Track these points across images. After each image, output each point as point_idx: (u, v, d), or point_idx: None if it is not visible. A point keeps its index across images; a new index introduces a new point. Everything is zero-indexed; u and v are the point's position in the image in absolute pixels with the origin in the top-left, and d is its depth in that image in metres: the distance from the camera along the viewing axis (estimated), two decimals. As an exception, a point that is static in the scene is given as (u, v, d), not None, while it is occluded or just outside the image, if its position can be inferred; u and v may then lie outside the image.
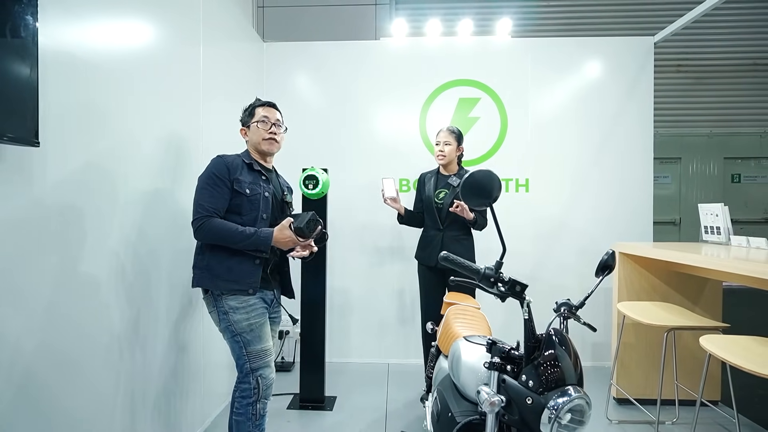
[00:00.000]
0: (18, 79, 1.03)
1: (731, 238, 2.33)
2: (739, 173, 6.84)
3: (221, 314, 1.59)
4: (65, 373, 1.28)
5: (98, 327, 1.42)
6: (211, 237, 1.54)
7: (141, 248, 1.65)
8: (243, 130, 1.77)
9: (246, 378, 1.60)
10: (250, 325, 1.60)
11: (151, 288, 1.73)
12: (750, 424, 2.28)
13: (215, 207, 1.55)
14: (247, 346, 1.59)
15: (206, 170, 1.60)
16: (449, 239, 2.41)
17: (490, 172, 1.14)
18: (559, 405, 1.00)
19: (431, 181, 2.54)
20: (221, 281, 1.57)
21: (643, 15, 6.24)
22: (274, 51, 3.25)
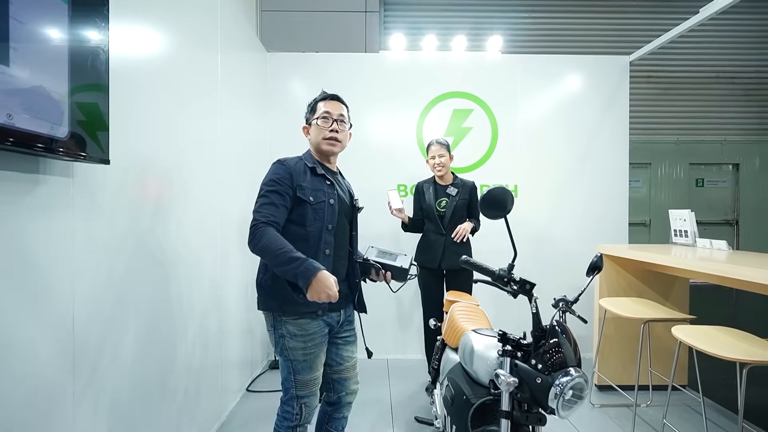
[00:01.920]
0: (92, 105, 1.15)
1: (697, 240, 2.62)
2: (703, 178, 7.36)
3: (278, 337, 1.48)
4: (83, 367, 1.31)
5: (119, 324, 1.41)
6: (259, 249, 1.34)
7: (163, 246, 1.72)
8: (306, 128, 1.62)
9: (290, 402, 1.50)
10: (305, 355, 1.48)
11: (171, 285, 1.80)
12: (714, 405, 2.57)
13: (273, 216, 1.39)
14: (297, 374, 1.48)
15: (267, 176, 1.47)
16: (451, 242, 2.64)
17: (504, 189, 1.34)
18: (564, 383, 1.20)
19: (430, 190, 2.76)
20: (289, 305, 1.43)
21: (620, 35, 6.76)
22: (276, 60, 3.38)
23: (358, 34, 6.20)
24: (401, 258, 1.76)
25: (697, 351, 1.71)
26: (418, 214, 2.81)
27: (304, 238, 1.47)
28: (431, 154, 2.70)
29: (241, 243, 2.70)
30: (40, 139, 0.96)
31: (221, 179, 2.36)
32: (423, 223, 2.79)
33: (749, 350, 1.59)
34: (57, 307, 1.14)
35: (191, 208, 1.96)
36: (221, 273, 2.36)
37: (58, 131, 1.00)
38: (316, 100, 1.63)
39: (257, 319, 3.11)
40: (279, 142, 3.31)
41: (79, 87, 1.08)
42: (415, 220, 2.81)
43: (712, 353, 1.61)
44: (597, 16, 6.83)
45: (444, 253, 2.66)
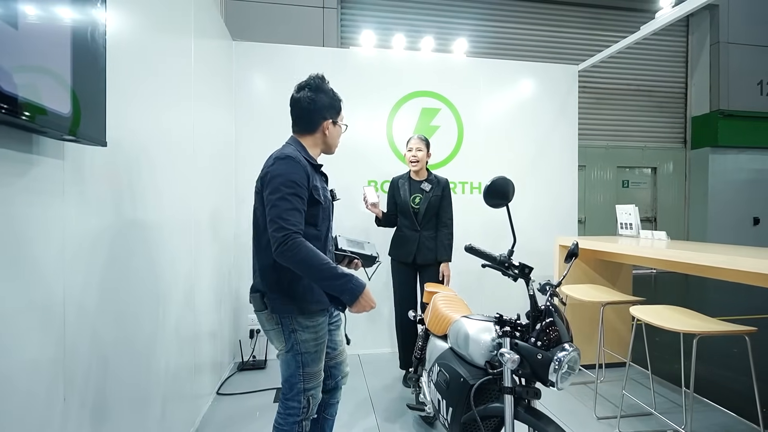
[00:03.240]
0: (92, 83, 1.06)
1: (640, 232, 2.95)
2: (628, 179, 8.22)
3: (287, 332, 1.44)
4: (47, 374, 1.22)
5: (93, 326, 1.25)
6: (296, 261, 1.28)
7: (140, 242, 1.61)
8: (329, 123, 1.55)
9: (296, 397, 1.47)
10: (316, 346, 1.48)
11: (148, 287, 1.70)
12: (657, 378, 2.91)
13: (301, 224, 1.33)
14: (306, 366, 1.46)
15: (283, 176, 1.35)
16: (425, 238, 2.72)
17: (506, 179, 1.43)
18: (561, 357, 1.31)
19: (404, 186, 2.78)
20: (305, 303, 1.43)
21: (569, 45, 7.50)
22: (242, 50, 3.25)
23: (316, 28, 6.15)
24: (367, 246, 1.88)
25: (645, 330, 1.94)
26: (392, 209, 2.84)
27: (317, 238, 1.47)
28: (409, 147, 2.74)
29: (213, 237, 2.57)
30: (47, 114, 0.86)
31: (195, 172, 2.23)
32: (396, 218, 2.83)
33: (698, 324, 1.83)
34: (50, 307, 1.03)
35: (166, 202, 1.84)
36: (195, 272, 2.24)
37: (63, 107, 0.91)
38: (340, 100, 1.61)
39: (226, 320, 2.98)
40: (244, 133, 3.19)
41: (81, 63, 0.99)
42: (389, 215, 2.83)
43: (668, 328, 1.83)
44: (549, 28, 7.45)
45: (418, 248, 2.72)
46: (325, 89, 1.53)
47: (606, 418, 2.35)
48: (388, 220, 2.83)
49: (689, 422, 2.02)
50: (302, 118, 1.52)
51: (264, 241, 1.43)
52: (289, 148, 1.46)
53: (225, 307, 2.92)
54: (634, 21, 7.69)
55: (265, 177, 1.39)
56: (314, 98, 1.50)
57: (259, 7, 5.97)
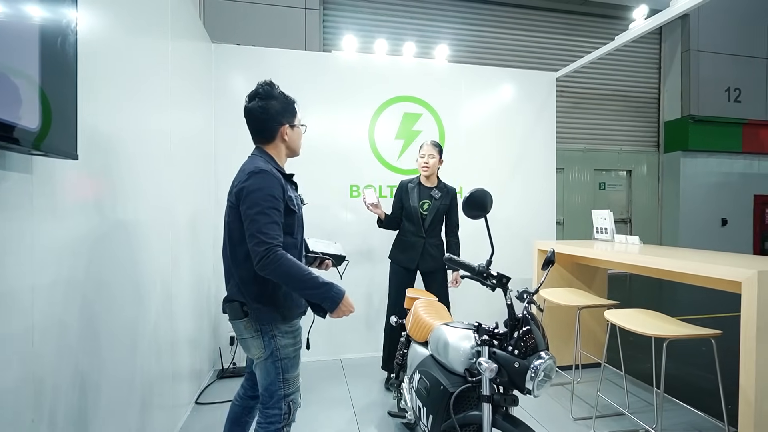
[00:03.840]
0: (62, 93, 1.02)
1: (615, 236, 3.04)
2: (604, 182, 8.44)
3: (267, 339, 1.46)
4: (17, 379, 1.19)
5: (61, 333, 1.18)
6: (278, 273, 1.32)
7: (117, 250, 1.58)
8: (286, 128, 1.54)
9: (277, 404, 1.48)
10: (295, 351, 1.52)
11: (125, 294, 1.67)
12: (630, 378, 3.00)
13: (280, 237, 1.37)
14: (285, 372, 1.49)
15: (261, 191, 1.37)
16: (430, 245, 2.70)
17: (484, 191, 1.45)
18: (538, 366, 1.34)
19: (414, 191, 2.73)
20: (287, 309, 1.48)
21: (547, 53, 7.66)
22: (222, 52, 3.20)
23: (298, 30, 6.10)
24: (335, 246, 1.94)
25: (619, 332, 2.00)
26: (397, 212, 2.79)
27: (295, 246, 1.52)
28: (421, 152, 2.71)
29: (192, 243, 2.52)
30: (13, 130, 0.83)
31: (173, 177, 2.19)
32: (400, 221, 2.80)
33: (668, 327, 1.90)
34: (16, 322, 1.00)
35: (142, 208, 1.80)
36: (173, 279, 2.19)
37: (30, 122, 0.88)
38: (293, 101, 1.60)
39: (206, 327, 2.93)
40: (224, 138, 3.14)
41: (50, 73, 0.96)
42: (393, 217, 2.79)
43: (640, 332, 1.89)
44: (528, 34, 7.60)
45: (422, 255, 2.70)
46: (275, 95, 1.52)
47: (582, 419, 2.41)
48: (390, 222, 2.80)
49: (659, 422, 2.09)
50: (259, 128, 1.53)
51: (242, 254, 1.43)
52: (259, 162, 1.46)
53: (204, 314, 2.87)
54: (610, 28, 7.91)
55: (240, 192, 1.40)
56: (265, 106, 1.49)
57: (239, 7, 5.88)
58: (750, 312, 1.60)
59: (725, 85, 8.34)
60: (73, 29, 1.05)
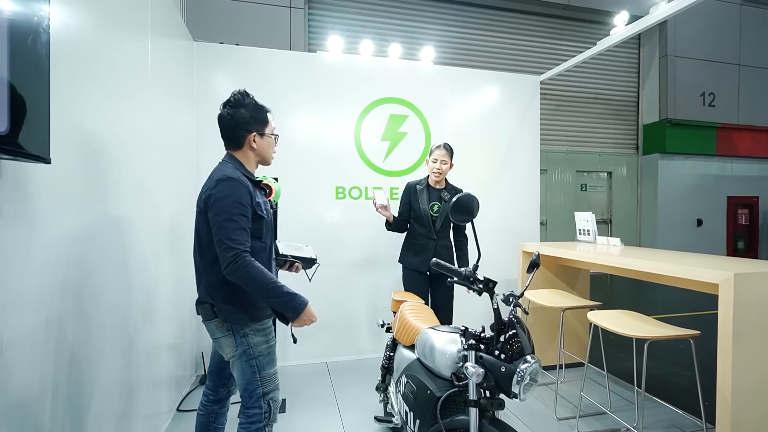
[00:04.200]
0: (34, 95, 0.98)
1: (597, 238, 3.09)
2: (586, 183, 8.61)
3: (239, 338, 1.50)
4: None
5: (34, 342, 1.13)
6: (245, 279, 1.38)
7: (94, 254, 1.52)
8: (254, 136, 1.57)
9: (256, 403, 1.52)
10: (268, 348, 1.56)
11: (101, 298, 1.61)
12: (611, 377, 3.06)
13: (248, 242, 1.42)
14: (261, 370, 1.53)
15: (228, 198, 1.42)
16: (441, 247, 2.67)
17: (471, 196, 1.45)
18: (524, 370, 1.35)
19: (423, 194, 2.69)
20: (255, 310, 1.51)
21: (531, 56, 7.78)
22: (204, 51, 3.13)
23: (282, 30, 6.04)
24: (305, 249, 1.95)
25: (601, 331, 2.04)
26: (405, 215, 2.75)
27: (264, 250, 1.57)
28: (433, 157, 2.65)
29: (172, 248, 2.46)
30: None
31: (152, 178, 2.13)
32: (408, 224, 2.76)
33: (649, 329, 1.94)
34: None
35: (121, 209, 1.74)
36: (152, 283, 2.13)
37: None
38: (266, 111, 1.62)
39: (187, 332, 2.86)
40: (206, 138, 3.07)
41: (19, 73, 0.91)
42: (401, 219, 2.75)
43: (622, 333, 1.93)
44: (512, 37, 7.70)
45: (435, 256, 2.56)
46: (245, 104, 1.55)
47: (566, 419, 2.45)
48: (399, 225, 2.76)
49: (641, 420, 2.14)
50: (227, 135, 1.57)
51: (210, 258, 1.48)
52: (228, 168, 1.51)
53: (186, 318, 2.80)
54: (591, 33, 8.07)
55: (208, 199, 1.45)
56: (233, 114, 1.53)
57: (221, 5, 5.78)
58: (726, 313, 1.65)
59: (700, 90, 8.61)
60: (45, 27, 1.00)
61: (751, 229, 9.18)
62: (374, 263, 3.48)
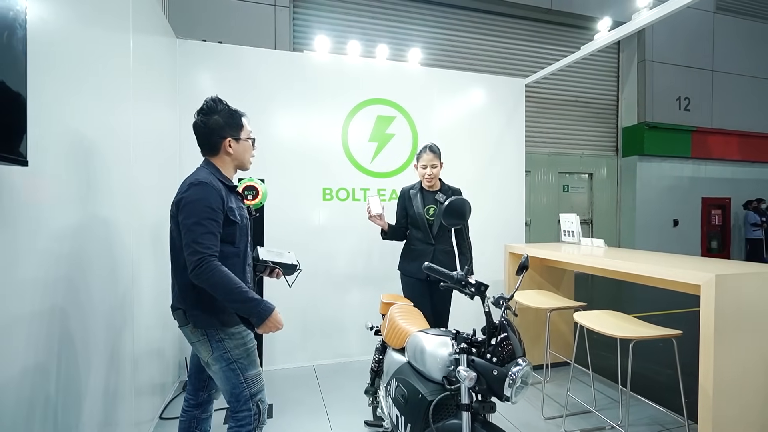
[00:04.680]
0: (9, 94, 0.93)
1: (581, 239, 3.15)
2: (568, 184, 8.78)
3: (214, 342, 1.50)
4: None
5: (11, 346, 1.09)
6: (209, 283, 1.37)
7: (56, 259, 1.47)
8: (229, 141, 1.56)
9: (245, 406, 1.52)
10: (247, 350, 1.56)
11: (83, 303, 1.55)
12: (595, 375, 3.11)
13: (216, 247, 1.42)
14: (245, 372, 1.53)
15: (199, 202, 1.41)
16: (439, 252, 2.53)
17: (463, 200, 1.46)
18: (516, 373, 1.36)
19: (417, 197, 2.58)
20: (225, 315, 1.50)
21: (515, 58, 7.90)
22: (187, 49, 3.06)
23: (267, 28, 5.96)
24: (287, 255, 1.92)
25: (586, 331, 2.08)
26: (402, 220, 2.64)
27: (237, 255, 1.57)
28: (422, 163, 2.54)
29: (155, 252, 2.39)
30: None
31: (134, 179, 2.06)
32: (405, 231, 2.66)
33: (633, 329, 1.98)
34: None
35: (100, 211, 1.68)
36: (135, 287, 2.06)
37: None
38: (240, 115, 1.62)
39: (170, 337, 2.78)
40: (190, 139, 2.99)
41: (-5, 70, 0.86)
42: (398, 227, 2.64)
43: (608, 333, 1.96)
44: (497, 40, 7.79)
45: (433, 262, 2.37)
46: (218, 110, 1.55)
47: (552, 418, 2.48)
48: (396, 233, 2.64)
49: (627, 418, 2.18)
50: (203, 141, 1.58)
51: (182, 261, 1.47)
52: (202, 173, 1.52)
53: (169, 323, 2.72)
54: (573, 37, 8.23)
55: (179, 203, 1.45)
56: (206, 121, 1.54)
57: (205, 2, 5.66)
58: (708, 313, 1.69)
59: (676, 94, 8.88)
60: (21, 22, 0.95)
61: (723, 230, 9.52)
62: (362, 265, 3.46)
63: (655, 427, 2.37)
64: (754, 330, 1.73)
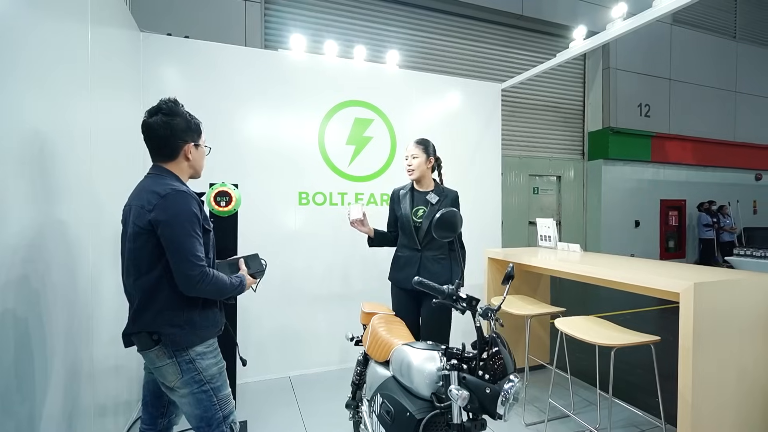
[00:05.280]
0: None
1: (558, 244, 3.20)
2: (538, 186, 9.01)
3: (184, 364, 1.39)
4: None
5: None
6: (211, 291, 1.39)
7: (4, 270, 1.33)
8: (190, 146, 1.47)
9: (217, 430, 1.45)
10: (219, 369, 1.48)
11: (29, 315, 1.40)
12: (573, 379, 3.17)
13: (203, 255, 1.39)
14: (218, 393, 1.46)
15: (185, 214, 1.35)
16: (428, 260, 2.27)
17: (455, 212, 1.40)
18: (509, 390, 1.32)
19: (406, 198, 2.36)
20: (203, 331, 1.44)
21: (489, 62, 8.00)
22: (152, 44, 2.86)
23: (237, 24, 5.74)
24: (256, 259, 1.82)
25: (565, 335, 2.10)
26: (392, 225, 2.44)
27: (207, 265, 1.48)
28: (405, 155, 2.39)
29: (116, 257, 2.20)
30: None
31: (93, 182, 1.89)
32: (395, 237, 2.44)
33: (614, 336, 2.01)
34: None
35: (56, 213, 1.53)
36: (95, 296, 1.89)
37: None
38: (198, 123, 1.54)
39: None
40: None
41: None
42: (387, 232, 2.43)
43: (589, 341, 1.98)
44: (472, 44, 7.86)
45: (419, 272, 2.23)
46: (180, 112, 1.45)
47: (533, 424, 2.49)
48: (383, 239, 2.41)
49: (609, 421, 2.21)
50: (160, 144, 1.45)
51: (151, 282, 1.37)
52: (170, 181, 1.42)
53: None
54: (544, 43, 8.45)
55: (159, 217, 1.32)
56: (170, 122, 1.42)
57: None
58: (687, 320, 1.73)
59: (637, 101, 9.31)
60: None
61: (680, 230, 10.07)
62: (339, 270, 3.37)
63: (631, 429, 2.43)
64: (729, 335, 1.79)
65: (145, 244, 1.35)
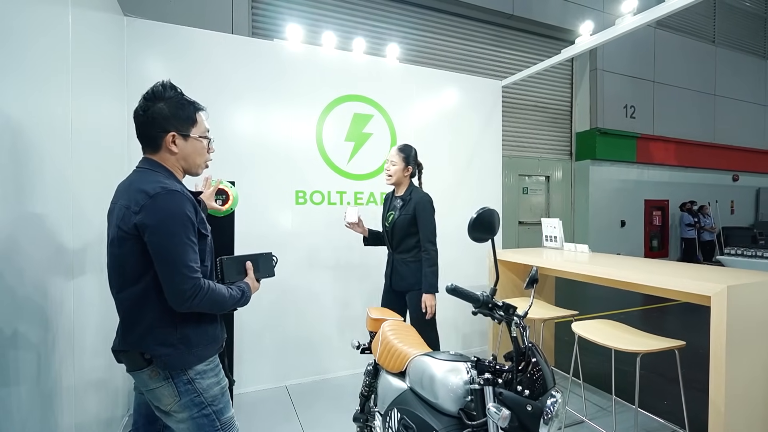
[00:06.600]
0: None
1: (564, 244, 3.12)
2: (527, 186, 9.02)
3: (182, 385, 1.24)
4: None
5: None
6: (207, 305, 1.22)
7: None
8: (173, 136, 1.26)
9: None
10: (222, 388, 1.33)
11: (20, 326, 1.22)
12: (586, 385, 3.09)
13: (199, 264, 1.22)
14: (221, 416, 1.30)
15: (177, 217, 1.17)
16: (398, 262, 2.40)
17: (492, 211, 1.28)
18: (552, 407, 1.20)
19: (387, 202, 2.54)
20: (200, 349, 1.27)
21: (485, 64, 7.95)
22: (137, 29, 2.64)
23: (224, 11, 5.51)
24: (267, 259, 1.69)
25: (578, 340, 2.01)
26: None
27: (204, 274, 1.30)
28: (386, 158, 2.51)
29: (100, 259, 1.99)
30: None
31: (73, 175, 1.70)
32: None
33: (638, 341, 1.92)
34: None
35: (32, 212, 1.34)
36: (76, 304, 1.69)
37: None
38: (196, 108, 1.33)
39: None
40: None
41: None
42: (381, 232, 2.54)
43: (612, 346, 1.89)
44: (463, 43, 7.79)
45: (392, 272, 2.43)
46: (165, 96, 1.26)
47: None
48: (377, 239, 2.56)
49: (636, 428, 2.13)
50: (140, 133, 1.29)
51: (138, 294, 1.20)
52: (161, 178, 1.23)
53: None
54: (538, 44, 8.46)
55: (145, 220, 1.14)
56: (147, 108, 1.25)
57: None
58: (720, 325, 1.65)
59: (623, 103, 9.43)
60: None
61: (663, 229, 10.27)
62: (339, 273, 3.21)
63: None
64: (761, 339, 1.72)
65: (131, 251, 1.18)
